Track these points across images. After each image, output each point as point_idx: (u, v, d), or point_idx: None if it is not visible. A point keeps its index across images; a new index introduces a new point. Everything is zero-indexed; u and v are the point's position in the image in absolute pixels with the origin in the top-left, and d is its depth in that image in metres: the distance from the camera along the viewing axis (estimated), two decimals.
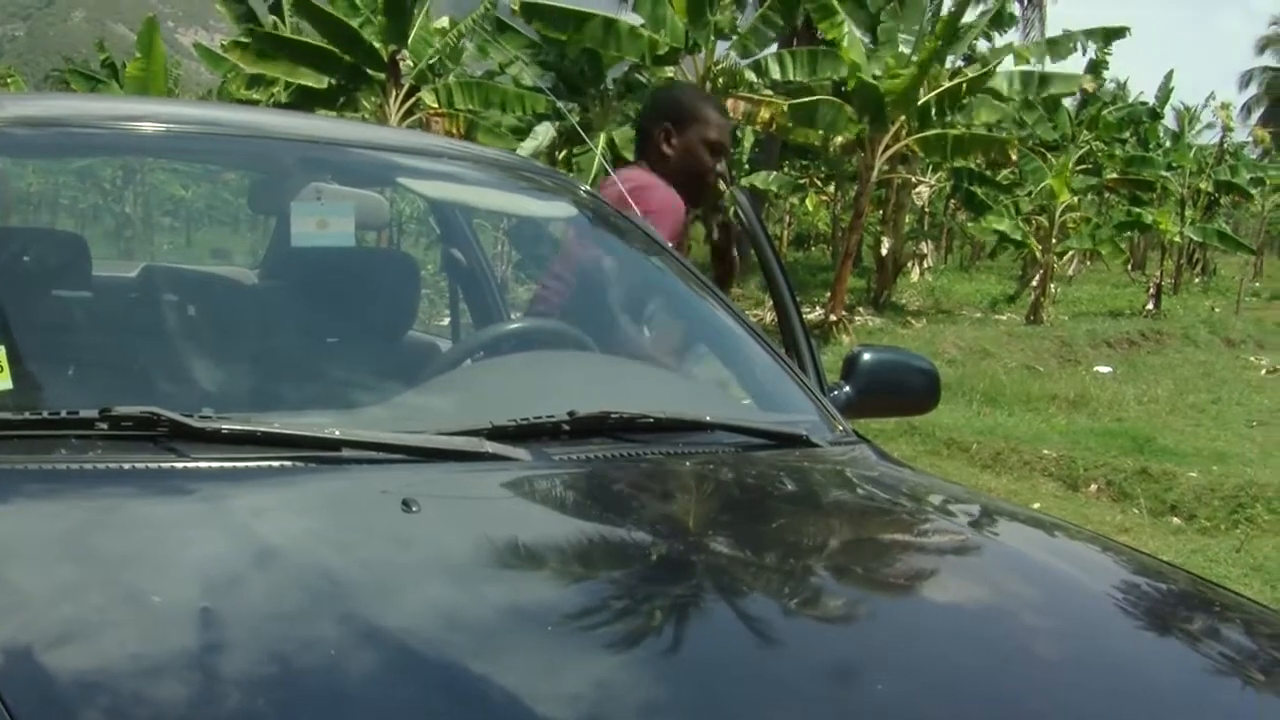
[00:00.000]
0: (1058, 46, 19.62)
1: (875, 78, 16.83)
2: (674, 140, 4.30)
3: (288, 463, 2.09)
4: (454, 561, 1.93)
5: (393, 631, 1.62)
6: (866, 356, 3.16)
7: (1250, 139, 41.11)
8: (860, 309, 20.22)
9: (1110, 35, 20.31)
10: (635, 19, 17.01)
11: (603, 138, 18.19)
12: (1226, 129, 31.42)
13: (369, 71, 18.75)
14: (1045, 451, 9.60)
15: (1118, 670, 1.86)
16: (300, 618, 1.67)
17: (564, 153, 19.48)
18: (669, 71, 17.24)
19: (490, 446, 2.21)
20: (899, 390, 3.21)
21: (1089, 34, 20.10)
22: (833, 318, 16.99)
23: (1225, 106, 31.27)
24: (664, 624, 1.81)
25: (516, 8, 16.59)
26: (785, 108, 17.04)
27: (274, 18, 22.13)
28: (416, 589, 1.80)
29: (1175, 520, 8.15)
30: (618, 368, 3.05)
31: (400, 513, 1.95)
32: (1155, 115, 29.93)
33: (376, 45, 18.39)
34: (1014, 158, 22.28)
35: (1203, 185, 28.07)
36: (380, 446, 2.17)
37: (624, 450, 2.37)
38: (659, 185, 4.20)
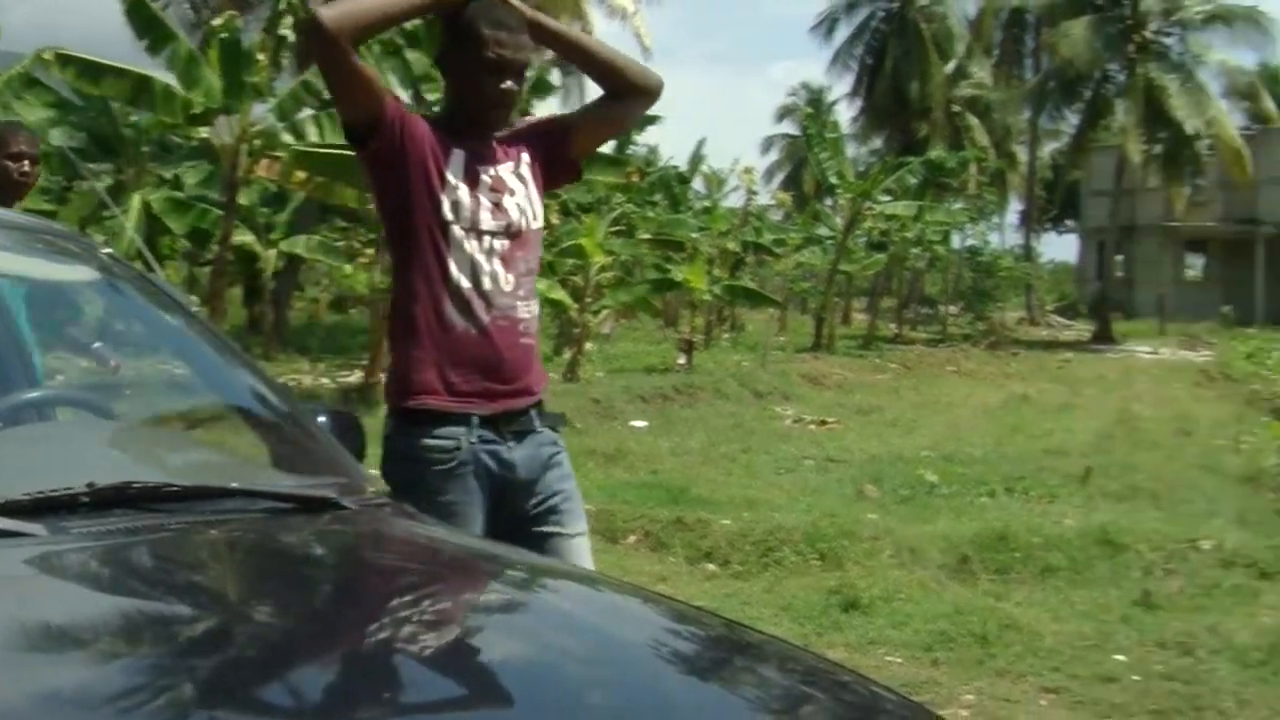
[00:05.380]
0: None
1: None
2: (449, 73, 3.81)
3: None
4: None
5: None
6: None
7: (773, 202, 43.52)
8: None
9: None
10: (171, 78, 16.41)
11: (137, 199, 17.56)
12: (750, 192, 33.22)
13: None
14: (586, 506, 9.71)
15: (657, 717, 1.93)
16: None
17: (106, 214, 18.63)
18: (203, 133, 16.74)
19: (2, 522, 2.10)
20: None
21: None
22: (372, 380, 16.86)
23: (748, 171, 33.05)
24: (199, 697, 1.76)
25: (50, 58, 15.81)
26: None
27: None
28: None
29: (711, 566, 8.40)
30: (142, 436, 2.95)
31: None
32: (684, 179, 31.18)
33: None
34: (551, 220, 22.71)
35: (730, 245, 29.42)
36: None
37: (148, 521, 2.29)
38: None
